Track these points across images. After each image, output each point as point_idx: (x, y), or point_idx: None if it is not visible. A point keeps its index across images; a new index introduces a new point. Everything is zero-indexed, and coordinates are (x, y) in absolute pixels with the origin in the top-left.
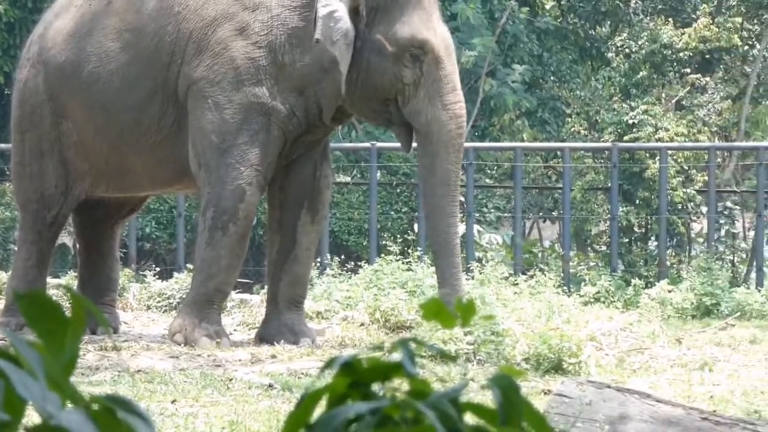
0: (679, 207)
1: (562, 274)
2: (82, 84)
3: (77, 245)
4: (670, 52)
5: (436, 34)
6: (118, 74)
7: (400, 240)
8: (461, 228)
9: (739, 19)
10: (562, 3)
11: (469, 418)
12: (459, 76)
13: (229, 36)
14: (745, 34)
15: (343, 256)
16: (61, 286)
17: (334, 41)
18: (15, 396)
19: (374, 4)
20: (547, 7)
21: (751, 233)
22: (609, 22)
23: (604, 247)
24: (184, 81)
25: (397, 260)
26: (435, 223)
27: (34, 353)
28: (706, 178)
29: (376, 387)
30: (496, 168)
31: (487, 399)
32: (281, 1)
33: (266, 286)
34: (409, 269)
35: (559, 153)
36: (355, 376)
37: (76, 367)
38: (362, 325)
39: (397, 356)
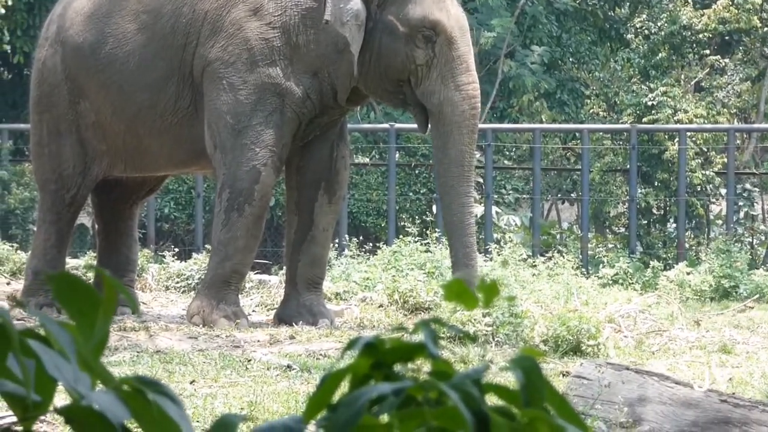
0: (698, 189)
1: (580, 256)
2: (99, 65)
3: (96, 226)
4: (689, 33)
5: (449, 14)
6: (134, 55)
7: (418, 221)
8: (479, 209)
9: (758, 0)
10: None
11: (492, 399)
12: (477, 57)
13: (243, 17)
14: (764, 15)
15: (361, 237)
16: (92, 267)
17: (344, 22)
18: (46, 376)
19: None
20: None
21: None
22: (628, 4)
23: (622, 229)
24: (200, 62)
25: (416, 241)
26: (448, 203)
27: (65, 333)
28: (725, 159)
29: (398, 368)
30: (514, 149)
31: (509, 380)
32: None
33: (285, 267)
34: (427, 251)
35: (577, 134)
36: (377, 357)
37: (106, 347)
38: (381, 306)
39: (419, 337)
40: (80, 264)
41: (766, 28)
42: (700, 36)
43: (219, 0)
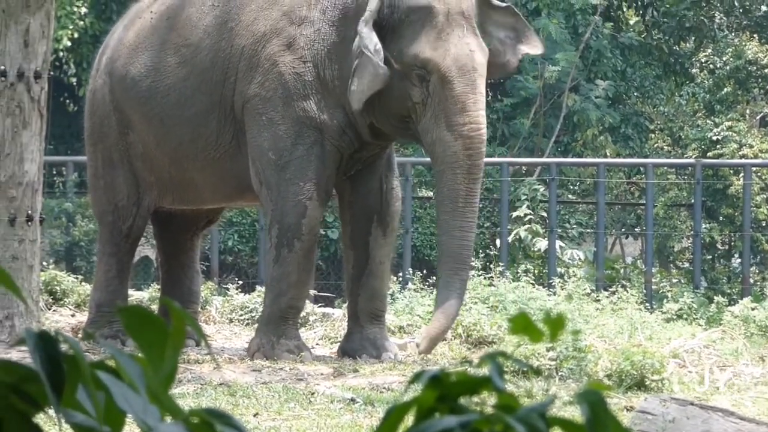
0: (763, 224)
1: (644, 291)
2: (141, 97)
3: (158, 258)
4: (754, 68)
5: (447, 53)
6: (175, 89)
7: (482, 255)
8: (543, 243)
9: None
10: (646, 18)
11: None
12: (541, 91)
13: (277, 51)
14: None
15: (425, 271)
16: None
17: (379, 74)
18: (116, 408)
19: (387, 21)
20: (631, 22)
21: None
22: (693, 38)
23: (686, 264)
24: (240, 98)
25: (479, 275)
26: (441, 236)
27: (135, 365)
28: None
29: (463, 401)
30: (578, 183)
31: (574, 415)
32: (323, 16)
33: (346, 302)
34: (490, 284)
35: (642, 169)
36: (442, 390)
37: (175, 380)
38: (444, 339)
39: (484, 370)
40: (144, 296)
41: None
42: (766, 71)
43: (255, 35)
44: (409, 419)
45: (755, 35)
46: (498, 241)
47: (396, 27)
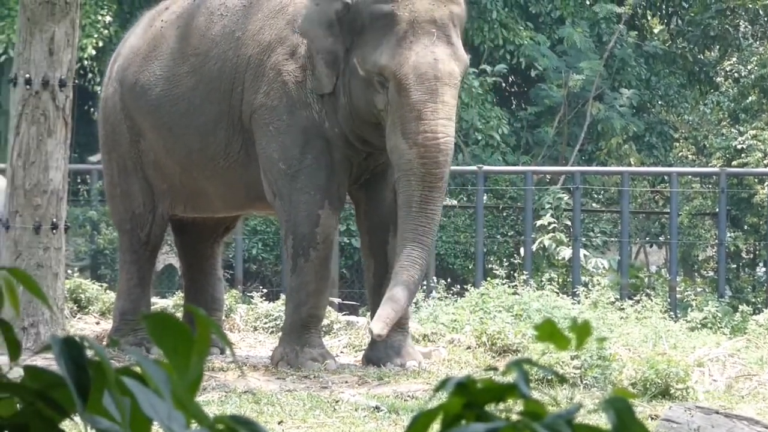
0: None
1: (668, 300)
2: (150, 106)
3: (180, 266)
4: None
5: (407, 60)
6: (184, 98)
7: (506, 263)
8: (567, 252)
9: None
10: (670, 27)
11: None
12: (565, 100)
13: (281, 60)
14: None
15: (449, 279)
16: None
17: (303, 31)
18: (141, 414)
19: (352, 28)
20: (656, 31)
21: None
22: (718, 47)
23: (711, 273)
24: (247, 108)
25: (503, 284)
26: (396, 241)
27: (160, 372)
28: None
29: (489, 408)
30: (603, 192)
31: (600, 422)
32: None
33: (369, 310)
34: (515, 293)
35: (666, 178)
36: (469, 397)
37: (202, 385)
38: (468, 348)
39: (510, 378)
40: (169, 304)
41: None
42: None
43: (261, 44)
44: (437, 426)
45: None
46: (522, 250)
47: (360, 33)
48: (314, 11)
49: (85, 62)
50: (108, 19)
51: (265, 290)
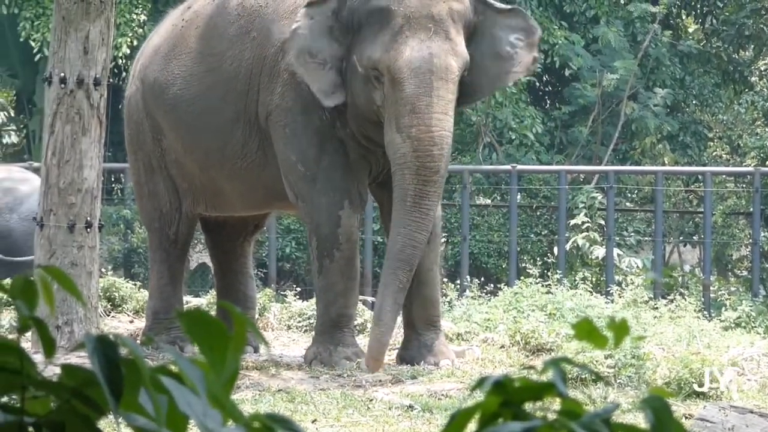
0: None
1: (702, 299)
2: (168, 105)
3: (212, 265)
4: None
5: (401, 54)
6: (201, 98)
7: (539, 263)
8: (600, 251)
9: None
10: (705, 26)
11: None
12: (599, 99)
13: None
14: None
15: (482, 279)
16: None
17: (295, 56)
18: (177, 412)
19: (350, 24)
20: (690, 30)
21: None
22: (753, 46)
23: (745, 272)
24: (263, 109)
25: (537, 283)
26: (390, 237)
27: (196, 370)
28: None
29: (526, 407)
30: (636, 191)
31: (635, 421)
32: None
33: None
34: (548, 292)
35: (700, 177)
36: (506, 396)
37: (236, 383)
38: (502, 347)
39: (547, 376)
40: (203, 303)
41: None
42: None
43: (276, 45)
44: (474, 424)
45: None
46: (556, 249)
47: (358, 30)
48: (307, 28)
49: (120, 61)
50: (143, 17)
51: (298, 289)
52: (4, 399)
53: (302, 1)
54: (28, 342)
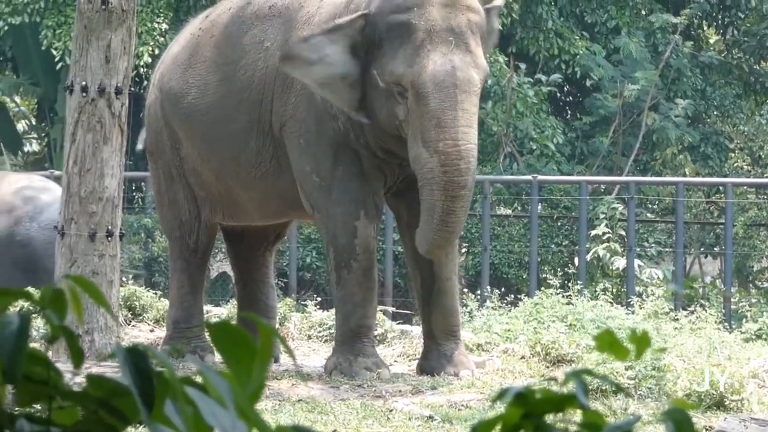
0: None
1: (723, 311)
2: (183, 114)
3: (233, 274)
4: None
5: (424, 69)
6: (215, 107)
7: (560, 273)
8: (621, 262)
9: None
10: (726, 37)
11: None
12: (620, 110)
13: None
14: None
15: (503, 289)
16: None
17: (323, 84)
18: (203, 423)
19: (371, 39)
20: (712, 41)
21: None
22: None
23: (766, 284)
24: (277, 119)
25: (557, 293)
26: (416, 250)
27: (222, 381)
28: None
29: (548, 418)
30: (657, 202)
31: None
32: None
33: (420, 321)
34: (569, 303)
35: (721, 188)
36: (527, 407)
37: (263, 395)
38: (522, 357)
39: (568, 388)
40: (223, 312)
41: None
42: None
43: None
44: None
45: None
46: (576, 260)
47: (379, 45)
48: (336, 54)
49: (141, 70)
50: (164, 26)
51: (319, 299)
52: (32, 409)
53: (316, 10)
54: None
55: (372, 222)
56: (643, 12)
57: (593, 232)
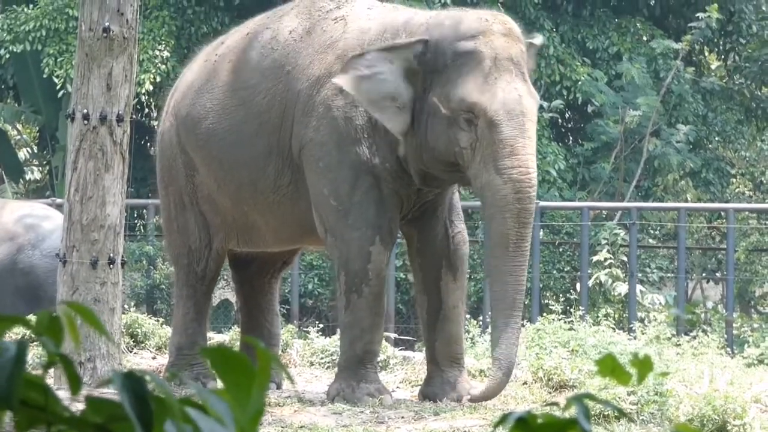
0: None
1: (725, 335)
2: (200, 139)
3: (238, 301)
4: None
5: (495, 97)
6: (233, 132)
7: (562, 299)
8: (623, 288)
9: None
10: (728, 63)
11: None
12: (622, 135)
13: (330, 95)
14: None
15: None
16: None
17: (372, 101)
18: None
19: (432, 67)
20: (713, 67)
21: None
22: None
23: None
24: (297, 143)
25: (559, 319)
26: (492, 282)
27: (222, 403)
28: None
29: None
30: (659, 228)
31: None
32: None
33: (424, 347)
34: (571, 328)
35: (723, 214)
36: None
37: (262, 419)
38: (525, 383)
39: (570, 413)
40: (225, 339)
41: None
42: None
43: (311, 79)
44: None
45: None
46: (578, 286)
47: (442, 72)
48: (390, 72)
49: (143, 98)
50: (166, 54)
51: (321, 325)
52: None
53: (340, 35)
54: (50, 378)
55: (386, 248)
56: (645, 38)
57: (595, 258)
